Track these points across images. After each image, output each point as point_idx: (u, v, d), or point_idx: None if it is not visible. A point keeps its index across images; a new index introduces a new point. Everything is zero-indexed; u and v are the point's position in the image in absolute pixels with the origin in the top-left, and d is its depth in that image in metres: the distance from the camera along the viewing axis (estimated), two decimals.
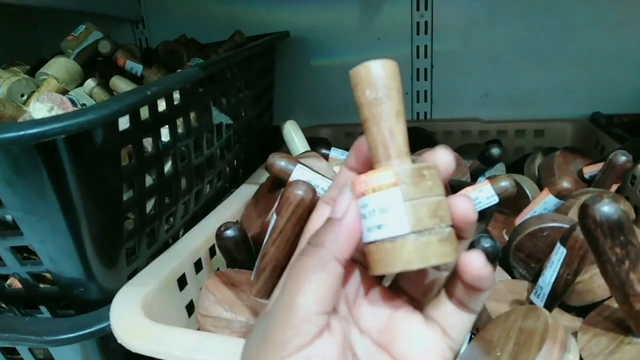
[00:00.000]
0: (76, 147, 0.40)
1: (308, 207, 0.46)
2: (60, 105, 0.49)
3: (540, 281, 0.50)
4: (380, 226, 0.24)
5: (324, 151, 0.83)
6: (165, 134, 0.55)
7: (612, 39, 0.95)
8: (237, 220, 0.66)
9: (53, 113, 0.52)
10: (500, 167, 0.87)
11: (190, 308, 0.55)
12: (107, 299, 0.48)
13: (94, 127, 0.39)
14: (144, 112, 0.50)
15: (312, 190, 0.46)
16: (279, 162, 0.60)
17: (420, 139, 0.93)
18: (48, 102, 0.49)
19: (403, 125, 0.26)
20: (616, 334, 0.40)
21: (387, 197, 0.24)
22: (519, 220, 0.65)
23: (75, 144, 0.40)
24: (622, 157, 0.68)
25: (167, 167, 0.57)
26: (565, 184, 0.62)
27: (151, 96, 0.46)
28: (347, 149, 0.86)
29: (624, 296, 0.38)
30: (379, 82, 0.25)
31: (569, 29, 0.96)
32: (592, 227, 0.36)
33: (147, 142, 0.52)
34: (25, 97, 0.69)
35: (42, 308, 0.51)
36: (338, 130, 1.07)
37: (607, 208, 0.36)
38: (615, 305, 0.40)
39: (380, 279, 0.29)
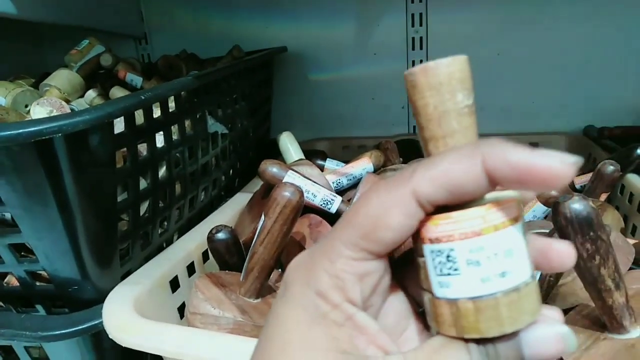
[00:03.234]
0: (73, 148, 0.42)
1: (295, 208, 0.47)
2: (59, 109, 0.51)
3: None
4: (505, 273, 0.20)
5: (319, 162, 0.85)
6: (159, 139, 0.57)
7: (604, 55, 0.97)
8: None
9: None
10: None
11: (182, 310, 0.55)
12: (100, 298, 0.49)
13: (89, 127, 0.41)
14: (140, 118, 0.52)
15: (300, 192, 0.47)
16: (271, 168, 0.62)
17: (417, 152, 0.94)
18: (47, 106, 0.51)
19: None
20: (593, 331, 0.41)
21: (511, 235, 0.20)
22: None
23: (72, 144, 0.41)
24: (610, 167, 0.69)
25: (162, 172, 0.59)
26: (553, 192, 0.63)
27: (145, 101, 0.48)
28: (343, 161, 0.87)
29: (597, 291, 0.39)
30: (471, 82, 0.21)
31: (562, 44, 0.98)
32: (564, 224, 0.37)
33: (142, 148, 0.54)
34: (28, 108, 0.71)
35: (38, 307, 0.53)
36: (335, 144, 1.10)
37: (577, 205, 0.37)
38: (593, 304, 0.41)
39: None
